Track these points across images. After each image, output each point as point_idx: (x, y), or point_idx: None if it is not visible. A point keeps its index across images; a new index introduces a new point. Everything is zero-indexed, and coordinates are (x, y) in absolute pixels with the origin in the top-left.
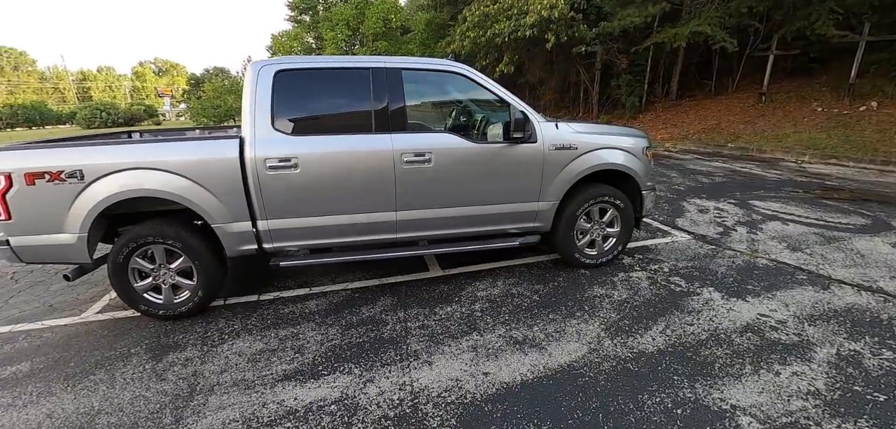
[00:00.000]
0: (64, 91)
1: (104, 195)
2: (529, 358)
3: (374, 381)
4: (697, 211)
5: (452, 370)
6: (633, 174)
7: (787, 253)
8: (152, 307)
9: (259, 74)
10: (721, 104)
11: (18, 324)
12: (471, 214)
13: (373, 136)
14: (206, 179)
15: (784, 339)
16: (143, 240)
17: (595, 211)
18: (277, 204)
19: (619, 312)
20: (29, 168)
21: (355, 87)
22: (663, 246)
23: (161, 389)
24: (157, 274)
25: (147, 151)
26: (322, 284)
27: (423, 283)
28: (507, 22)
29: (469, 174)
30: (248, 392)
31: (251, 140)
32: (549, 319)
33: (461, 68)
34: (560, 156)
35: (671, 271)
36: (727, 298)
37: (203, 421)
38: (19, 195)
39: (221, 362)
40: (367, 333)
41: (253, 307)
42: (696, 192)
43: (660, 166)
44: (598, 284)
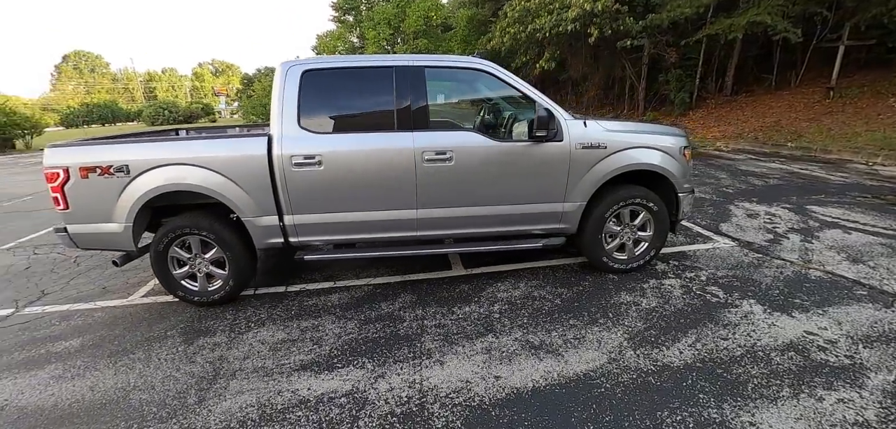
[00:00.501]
0: (133, 91)
1: (147, 189)
2: (544, 364)
3: (385, 377)
4: (745, 216)
5: (464, 371)
6: (669, 175)
7: (846, 265)
8: (188, 294)
9: (287, 75)
10: (782, 100)
11: (75, 304)
12: (492, 213)
13: (394, 134)
14: (237, 174)
15: (832, 361)
16: (180, 231)
17: (625, 213)
18: (302, 200)
19: (645, 322)
20: (83, 163)
21: (379, 85)
22: (703, 252)
23: (189, 370)
24: (193, 263)
25: (184, 148)
26: (346, 279)
27: (445, 281)
28: (548, 17)
29: (491, 173)
30: (266, 379)
31: (278, 138)
32: (570, 325)
33: (485, 65)
34: (587, 155)
35: (709, 280)
36: (770, 312)
37: (223, 404)
38: (75, 188)
39: (245, 348)
40: (384, 328)
41: (280, 298)
42: (746, 195)
43: (708, 167)
44: (626, 290)
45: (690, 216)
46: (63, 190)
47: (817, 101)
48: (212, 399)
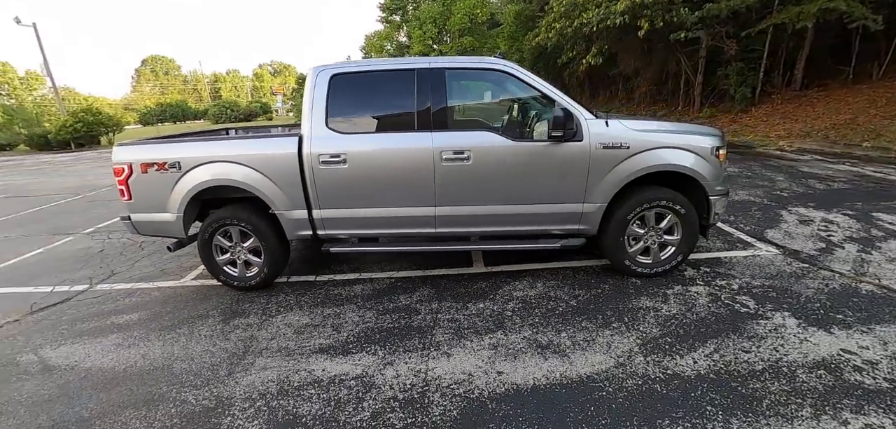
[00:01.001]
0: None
1: (195, 183)
2: (549, 363)
3: (394, 364)
4: (797, 222)
5: (468, 365)
6: (699, 177)
7: None
8: (229, 279)
9: (317, 78)
10: (861, 95)
11: (138, 283)
12: (510, 212)
13: (415, 134)
14: (271, 171)
15: (867, 383)
16: (223, 221)
17: (650, 216)
18: (329, 195)
19: (662, 329)
20: (143, 159)
21: (401, 87)
22: (740, 259)
23: (223, 346)
24: (234, 251)
25: (227, 146)
26: (371, 271)
27: (464, 278)
28: (595, 10)
29: (508, 173)
30: (288, 359)
31: (308, 137)
32: (581, 327)
33: (504, 65)
34: (609, 155)
35: (740, 289)
36: (805, 326)
37: (248, 377)
38: (136, 181)
39: (273, 330)
40: (399, 319)
41: (309, 286)
42: (802, 199)
43: (765, 168)
44: (648, 295)
45: (734, 221)
46: (127, 183)
47: None
48: (239, 373)
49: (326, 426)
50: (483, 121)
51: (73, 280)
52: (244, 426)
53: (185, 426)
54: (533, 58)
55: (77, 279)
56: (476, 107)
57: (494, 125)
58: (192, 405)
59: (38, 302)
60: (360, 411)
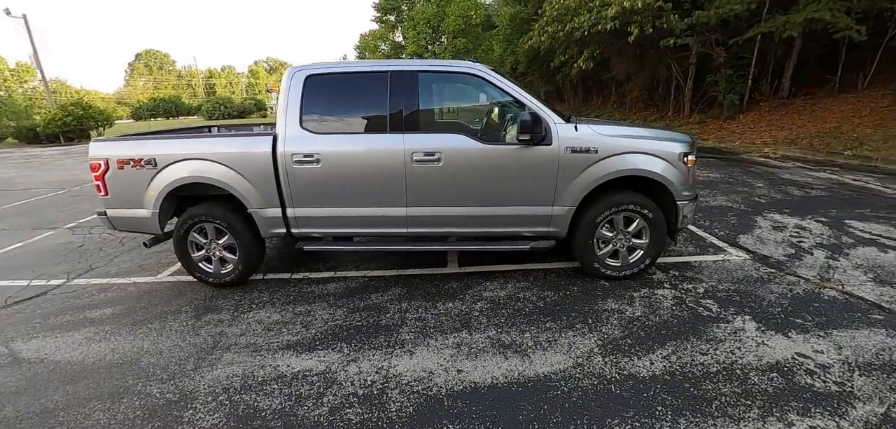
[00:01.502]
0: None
1: (170, 180)
2: (509, 363)
3: (357, 362)
4: (771, 228)
5: (430, 363)
6: (666, 182)
7: (870, 287)
8: (204, 275)
9: (292, 78)
10: (846, 104)
11: (114, 278)
12: (480, 214)
13: (386, 135)
14: (246, 169)
15: (818, 387)
16: (198, 218)
17: (619, 220)
18: (302, 194)
19: (624, 330)
20: (120, 155)
21: (374, 89)
22: (710, 264)
23: (193, 341)
24: (209, 248)
25: (203, 144)
26: (346, 270)
27: (436, 278)
28: (587, 15)
29: (478, 175)
30: (254, 355)
31: (282, 137)
32: (545, 328)
33: (474, 68)
34: (577, 159)
35: (706, 293)
36: (764, 330)
37: (214, 372)
38: (113, 177)
39: (243, 326)
40: (368, 317)
41: (284, 284)
42: (779, 206)
43: (746, 175)
44: (615, 297)
45: (708, 226)
46: (104, 179)
47: (887, 106)
48: (205, 368)
49: (285, 421)
50: (463, 123)
51: (50, 274)
52: (204, 419)
53: (147, 419)
54: (527, 61)
55: (54, 273)
56: (460, 110)
57: (472, 128)
58: (155, 398)
59: (14, 296)
60: (319, 406)
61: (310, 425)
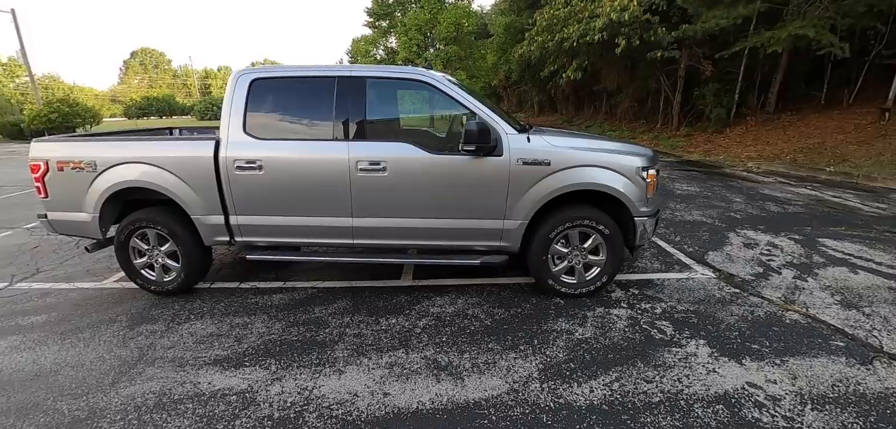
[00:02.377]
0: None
1: (109, 183)
2: (440, 387)
3: (282, 380)
4: (742, 245)
5: (357, 384)
6: (622, 197)
7: (835, 309)
8: (147, 282)
9: (237, 82)
10: (831, 120)
11: (58, 283)
12: (429, 226)
13: (331, 143)
14: (188, 174)
15: (765, 421)
16: (139, 223)
17: (574, 235)
18: (245, 202)
19: (569, 353)
20: (59, 157)
21: (321, 94)
22: (672, 282)
23: (119, 353)
24: (151, 254)
25: (142, 147)
26: (297, 280)
27: (386, 291)
28: (577, 25)
29: (425, 186)
30: (178, 370)
31: (225, 142)
32: (487, 349)
33: (424, 75)
34: (529, 172)
35: (663, 313)
36: (717, 356)
37: (131, 387)
38: (52, 179)
39: (175, 338)
40: (305, 332)
41: (229, 293)
42: (753, 222)
43: (726, 189)
44: (567, 317)
45: (678, 242)
46: (43, 180)
47: (870, 123)
48: (123, 383)
49: None
50: (418, 131)
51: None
52: None
53: None
54: (520, 70)
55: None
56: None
57: (422, 137)
58: (62, 416)
59: None
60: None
61: None
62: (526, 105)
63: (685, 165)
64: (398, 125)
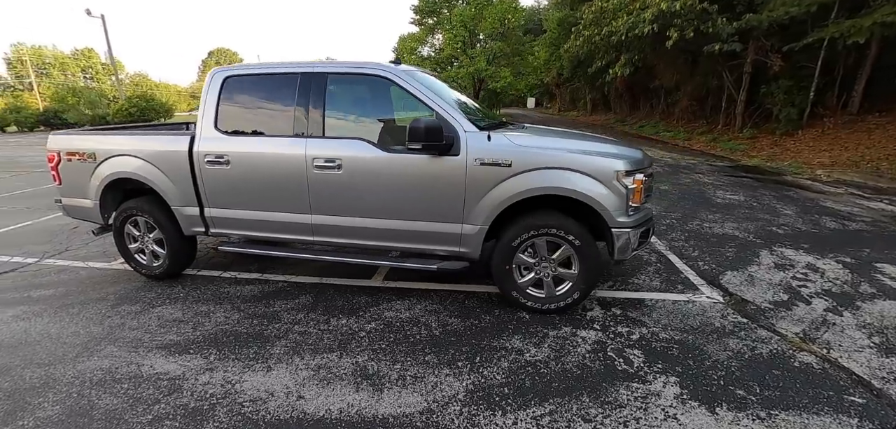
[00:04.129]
0: None
1: (105, 173)
2: (355, 396)
3: (213, 371)
4: (772, 266)
5: (277, 383)
6: (593, 204)
7: (867, 355)
8: (138, 266)
9: (212, 79)
10: None
11: (75, 261)
12: (386, 227)
13: (290, 139)
14: (167, 167)
15: None
16: (130, 212)
17: (541, 244)
18: (215, 194)
19: (509, 376)
20: (68, 148)
21: (285, 91)
22: (667, 304)
23: (91, 330)
24: (142, 241)
25: (131, 140)
26: (272, 273)
27: (351, 290)
28: (625, 18)
29: (380, 185)
30: (132, 350)
31: (198, 137)
32: (422, 361)
33: (384, 70)
34: (487, 173)
35: (639, 341)
36: (685, 399)
37: (86, 363)
38: (64, 168)
39: (144, 320)
40: (257, 325)
41: (208, 281)
42: (797, 239)
43: (778, 199)
44: (525, 334)
45: (694, 258)
46: (57, 169)
47: None
48: (83, 358)
49: (108, 420)
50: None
51: (31, 253)
52: (45, 408)
53: (2, 400)
54: (571, 66)
55: (34, 252)
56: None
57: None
58: (23, 382)
59: None
60: (147, 412)
61: None
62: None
63: (737, 171)
64: (358, 122)
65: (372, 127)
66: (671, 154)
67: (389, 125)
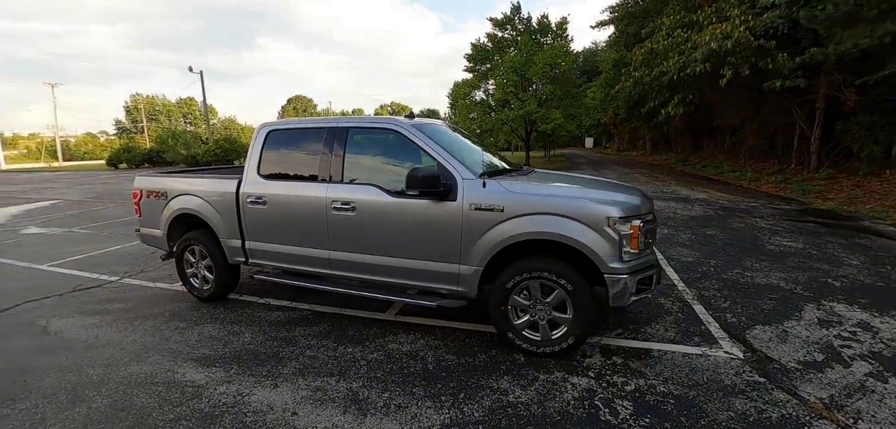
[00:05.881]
0: None
1: (172, 209)
2: (343, 418)
3: (230, 383)
4: (815, 322)
5: (279, 400)
6: (582, 249)
7: None
8: (192, 289)
9: (258, 132)
10: None
11: (147, 281)
12: (391, 264)
13: (316, 184)
14: (218, 205)
15: None
16: (188, 241)
17: (535, 287)
18: (254, 230)
19: (486, 415)
20: (149, 188)
21: (314, 142)
22: (677, 356)
23: (145, 340)
24: (196, 267)
25: (192, 182)
26: (300, 302)
27: (364, 321)
28: (676, 57)
29: (386, 226)
30: (172, 359)
31: (244, 181)
32: (409, 392)
33: (395, 124)
34: (481, 217)
35: (633, 392)
36: None
37: (135, 367)
38: (144, 203)
39: (188, 334)
40: (276, 346)
41: (246, 305)
42: (854, 293)
43: (843, 248)
44: (515, 376)
45: (725, 308)
46: (139, 204)
47: None
48: (134, 362)
49: (140, 417)
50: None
51: (115, 272)
52: (97, 400)
53: (64, 391)
54: (627, 107)
55: (118, 272)
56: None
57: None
58: (86, 376)
59: (82, 284)
60: (170, 412)
61: (151, 425)
62: (638, 142)
63: (804, 215)
64: (372, 170)
65: (383, 175)
66: (731, 196)
67: (398, 173)
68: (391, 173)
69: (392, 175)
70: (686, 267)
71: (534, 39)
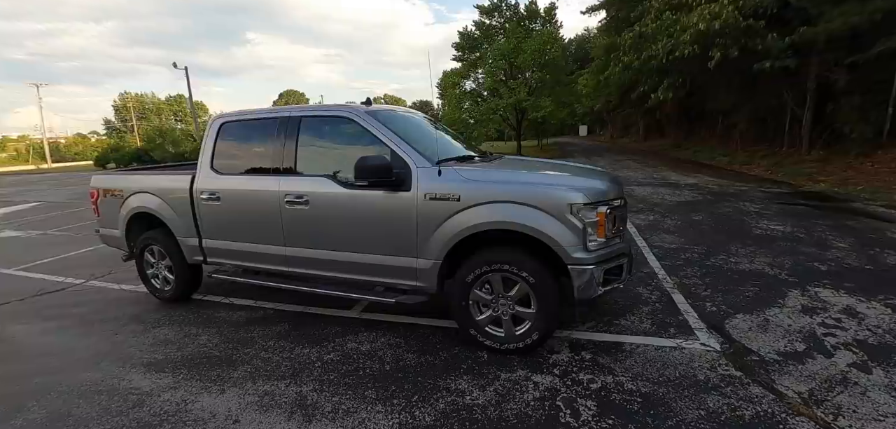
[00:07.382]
0: None
1: (128, 208)
2: (287, 425)
3: (177, 389)
4: (798, 309)
5: (223, 407)
6: (543, 238)
7: (893, 423)
8: (153, 290)
9: (211, 124)
10: None
11: (111, 284)
12: (348, 260)
13: (268, 177)
14: (173, 202)
15: None
16: (147, 241)
17: (497, 281)
18: (209, 227)
19: (439, 419)
20: (105, 187)
21: (267, 134)
22: (649, 350)
23: (98, 346)
24: (156, 267)
25: (147, 179)
26: (266, 301)
27: (327, 320)
28: (665, 41)
29: (340, 219)
30: (120, 366)
31: (197, 176)
32: (361, 396)
33: (348, 112)
34: (436, 207)
35: (599, 391)
36: None
37: (83, 374)
38: (102, 203)
39: (142, 339)
40: (230, 349)
41: (208, 306)
42: (840, 277)
43: (831, 231)
44: (475, 375)
45: (704, 296)
46: (97, 204)
47: None
48: (82, 369)
49: (76, 427)
50: None
51: (80, 276)
52: (35, 412)
53: (2, 401)
54: (619, 93)
55: (83, 275)
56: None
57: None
58: (30, 384)
59: (46, 288)
60: (108, 422)
61: None
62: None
63: (795, 198)
64: (326, 160)
65: (336, 165)
66: (721, 180)
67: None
68: (345, 164)
69: (346, 165)
70: (668, 253)
71: (522, 26)
